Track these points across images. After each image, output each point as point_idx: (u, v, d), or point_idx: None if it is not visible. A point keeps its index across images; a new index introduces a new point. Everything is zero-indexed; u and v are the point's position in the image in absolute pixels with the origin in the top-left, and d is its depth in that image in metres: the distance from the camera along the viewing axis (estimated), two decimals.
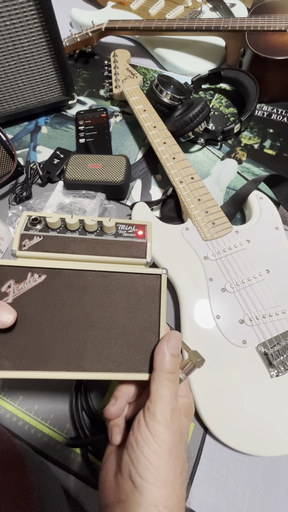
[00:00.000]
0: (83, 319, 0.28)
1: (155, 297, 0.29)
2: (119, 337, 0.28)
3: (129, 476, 0.24)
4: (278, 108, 0.65)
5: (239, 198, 0.52)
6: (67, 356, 0.27)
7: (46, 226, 0.30)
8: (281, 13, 0.64)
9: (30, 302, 0.27)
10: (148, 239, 0.31)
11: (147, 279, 0.29)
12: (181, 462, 0.25)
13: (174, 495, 0.23)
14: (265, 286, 0.43)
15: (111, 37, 0.78)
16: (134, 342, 0.28)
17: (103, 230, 0.31)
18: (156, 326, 0.28)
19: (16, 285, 0.27)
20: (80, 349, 0.27)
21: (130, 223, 0.31)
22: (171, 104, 0.60)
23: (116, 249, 0.30)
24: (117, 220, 0.31)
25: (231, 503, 0.36)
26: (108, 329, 0.28)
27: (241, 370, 0.39)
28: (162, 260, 0.45)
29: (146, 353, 0.28)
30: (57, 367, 0.27)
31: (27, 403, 0.40)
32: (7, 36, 0.51)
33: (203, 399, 0.38)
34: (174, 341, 0.27)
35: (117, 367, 0.27)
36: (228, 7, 0.75)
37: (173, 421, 0.25)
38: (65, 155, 0.59)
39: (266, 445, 0.36)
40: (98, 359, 0.27)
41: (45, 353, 0.27)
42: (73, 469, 0.37)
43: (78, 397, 0.39)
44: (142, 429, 0.24)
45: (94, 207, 0.51)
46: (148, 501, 0.23)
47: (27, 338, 0.27)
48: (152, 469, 0.23)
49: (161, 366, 0.26)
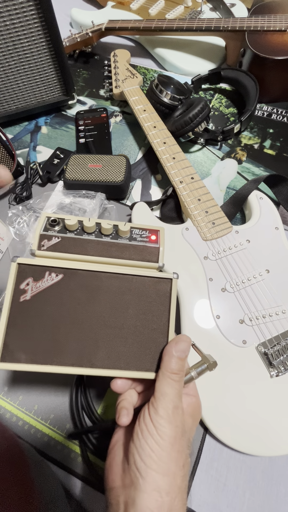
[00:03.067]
0: (96, 318, 0.29)
1: (165, 300, 0.30)
2: (129, 336, 0.29)
3: (134, 462, 0.25)
4: (278, 108, 0.65)
5: (239, 198, 0.52)
6: (80, 352, 0.28)
7: (64, 227, 0.31)
8: (281, 13, 0.64)
9: (47, 300, 0.28)
10: (161, 244, 0.32)
11: (158, 283, 0.30)
12: (183, 457, 0.26)
13: (176, 485, 0.25)
14: (265, 286, 0.43)
15: (111, 37, 0.78)
16: (144, 342, 0.29)
17: (118, 234, 0.32)
18: (166, 328, 0.30)
19: (34, 283, 0.28)
20: (92, 346, 0.28)
21: (144, 228, 0.33)
22: (171, 104, 0.60)
23: (130, 253, 0.32)
24: (132, 225, 0.32)
25: (231, 503, 0.36)
26: (119, 328, 0.29)
27: (241, 370, 0.39)
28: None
29: (155, 353, 0.29)
30: (69, 363, 0.28)
31: (27, 403, 0.40)
32: (7, 36, 0.51)
33: (203, 399, 0.37)
34: (183, 345, 0.28)
35: (126, 365, 0.29)
36: (228, 7, 0.75)
37: (175, 417, 0.26)
38: (65, 155, 0.59)
39: (266, 445, 0.36)
40: (109, 356, 0.28)
41: (60, 348, 0.28)
42: (73, 469, 0.37)
43: (78, 397, 0.39)
44: (147, 421, 0.26)
45: (94, 207, 0.51)
46: (151, 486, 0.24)
47: (43, 334, 0.28)
48: (155, 458, 0.25)
49: (166, 366, 0.27)
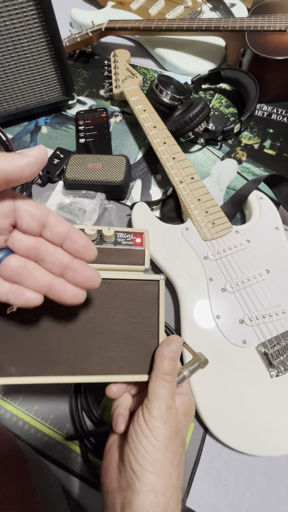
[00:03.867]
0: (87, 325, 0.29)
1: (154, 302, 0.30)
2: (120, 341, 0.29)
3: (129, 464, 0.25)
4: (278, 108, 0.65)
5: (239, 198, 0.52)
6: (72, 360, 0.28)
7: None
8: (281, 13, 0.64)
9: (35, 310, 0.28)
10: (146, 247, 0.33)
11: (145, 285, 0.30)
12: (178, 456, 0.26)
13: (171, 485, 0.25)
14: (265, 286, 0.43)
15: (111, 37, 0.78)
16: (135, 345, 0.29)
17: (103, 239, 0.32)
18: (156, 330, 0.30)
19: None
20: (84, 353, 0.28)
21: (128, 231, 0.33)
22: (171, 104, 0.60)
23: (115, 257, 0.31)
24: (116, 229, 0.32)
25: (231, 503, 0.36)
26: (110, 333, 0.29)
27: (241, 370, 0.39)
28: (162, 260, 0.45)
29: (147, 356, 0.29)
30: (62, 372, 0.28)
31: (27, 403, 0.40)
32: (7, 36, 0.51)
33: (203, 399, 0.38)
34: (174, 346, 0.28)
35: (119, 370, 0.29)
36: (228, 7, 0.75)
37: (169, 417, 0.26)
38: (65, 155, 0.59)
39: (266, 445, 0.36)
40: (101, 362, 0.28)
41: (51, 358, 0.28)
42: (73, 469, 0.37)
43: (78, 397, 0.39)
44: (141, 423, 0.26)
45: (94, 207, 0.51)
46: (147, 487, 0.24)
47: (33, 345, 0.28)
48: (150, 459, 0.25)
49: (159, 367, 0.28)
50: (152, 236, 0.47)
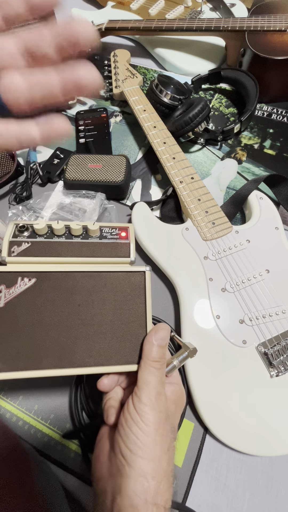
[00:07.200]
0: (73, 317, 0.29)
1: (140, 293, 0.30)
2: (108, 332, 0.29)
3: (120, 451, 0.26)
4: (278, 108, 0.65)
5: (239, 198, 0.52)
6: (60, 353, 0.28)
7: (33, 232, 0.31)
8: (281, 13, 0.64)
9: (21, 305, 0.28)
10: (131, 240, 0.33)
11: (132, 277, 0.31)
12: (168, 440, 0.27)
13: (161, 469, 0.25)
14: (265, 286, 0.43)
15: (111, 37, 0.78)
16: (123, 335, 0.30)
17: (88, 234, 0.32)
18: (143, 319, 0.30)
19: (7, 290, 0.28)
20: (72, 346, 0.28)
21: (113, 226, 0.33)
22: (171, 104, 0.60)
23: (101, 250, 0.32)
24: (101, 224, 0.33)
25: (231, 503, 0.36)
26: (97, 325, 0.29)
27: (241, 370, 0.39)
28: (162, 260, 0.45)
29: (135, 345, 0.30)
30: (50, 365, 0.28)
31: (27, 403, 0.40)
32: None
33: (203, 399, 0.38)
34: (162, 333, 0.29)
35: (108, 361, 0.29)
36: (228, 7, 0.75)
37: (158, 403, 0.27)
38: (65, 155, 0.59)
39: (266, 445, 0.36)
40: (89, 354, 0.29)
41: (38, 352, 0.28)
42: (73, 469, 0.37)
43: (77, 396, 0.39)
44: (131, 410, 0.27)
45: (94, 207, 0.51)
46: (137, 472, 0.25)
47: (20, 340, 0.28)
48: (140, 444, 0.25)
49: (148, 355, 0.28)
50: (152, 236, 0.47)
